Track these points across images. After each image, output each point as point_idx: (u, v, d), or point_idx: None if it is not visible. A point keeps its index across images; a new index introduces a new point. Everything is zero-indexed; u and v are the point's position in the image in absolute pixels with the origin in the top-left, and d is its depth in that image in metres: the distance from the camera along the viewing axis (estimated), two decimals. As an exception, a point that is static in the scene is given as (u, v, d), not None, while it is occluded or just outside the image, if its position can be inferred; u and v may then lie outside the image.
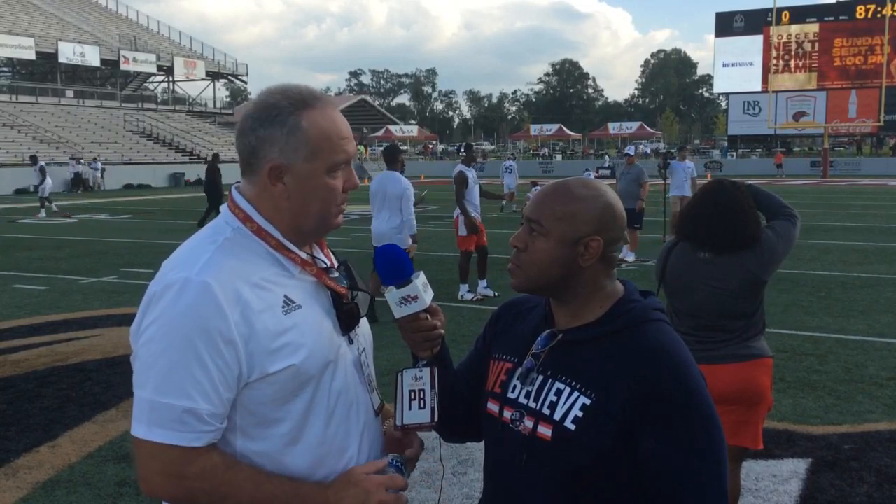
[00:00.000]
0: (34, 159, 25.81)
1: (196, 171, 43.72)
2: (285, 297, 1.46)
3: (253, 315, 1.40)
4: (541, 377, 1.51)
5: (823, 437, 4.81)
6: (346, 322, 1.56)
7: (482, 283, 9.46)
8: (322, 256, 1.61)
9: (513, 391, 1.55)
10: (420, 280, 1.55)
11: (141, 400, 1.40)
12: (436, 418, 1.55)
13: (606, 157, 54.41)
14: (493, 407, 1.59)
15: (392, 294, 1.54)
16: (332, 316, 1.54)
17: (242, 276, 1.42)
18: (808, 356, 6.62)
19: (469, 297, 9.18)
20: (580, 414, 1.43)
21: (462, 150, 10.41)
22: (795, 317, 8.10)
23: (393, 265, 1.56)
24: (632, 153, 13.80)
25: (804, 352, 6.75)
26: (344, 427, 1.51)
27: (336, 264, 1.63)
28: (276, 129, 1.46)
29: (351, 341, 1.58)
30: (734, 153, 56.46)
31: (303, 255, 1.53)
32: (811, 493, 4.06)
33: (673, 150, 17.85)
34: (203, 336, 1.37)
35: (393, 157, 8.54)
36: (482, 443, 1.67)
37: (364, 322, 1.64)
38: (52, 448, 4.79)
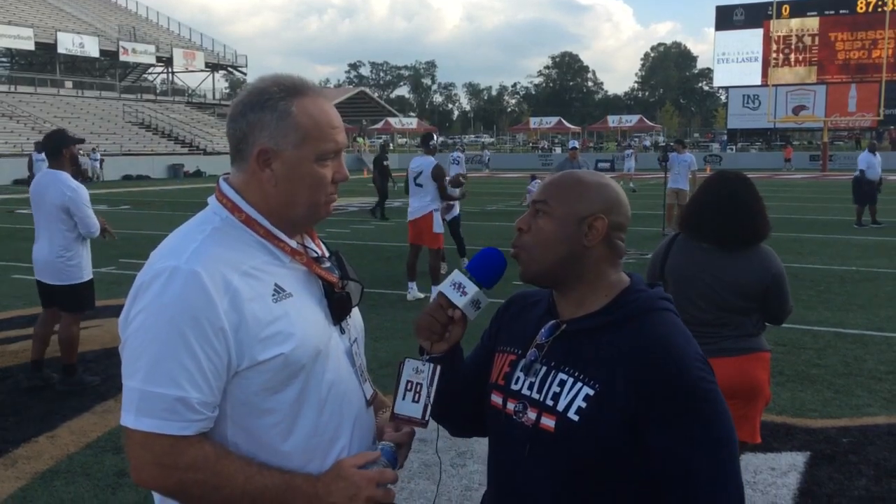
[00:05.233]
0: None
1: (195, 163, 43.68)
2: (276, 285, 1.45)
3: (242, 303, 1.39)
4: (544, 368, 1.50)
5: (822, 431, 4.82)
6: (338, 311, 1.55)
7: (412, 285, 9.06)
8: (313, 246, 1.60)
9: (516, 383, 1.54)
10: (481, 294, 1.56)
11: (130, 390, 1.39)
12: (427, 417, 1.53)
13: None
14: (496, 399, 1.57)
15: (465, 280, 1.55)
16: (324, 305, 1.53)
17: (231, 264, 1.42)
18: (806, 350, 6.63)
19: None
20: (584, 405, 1.42)
21: (423, 142, 9.62)
22: (795, 310, 8.08)
23: (491, 269, 1.57)
24: (576, 146, 13.48)
25: (803, 345, 6.76)
26: (336, 417, 1.50)
27: (327, 254, 1.63)
28: (265, 113, 1.46)
29: (343, 331, 1.57)
30: (733, 147, 56.39)
31: (293, 243, 1.52)
32: (809, 486, 4.06)
33: (672, 143, 17.79)
34: (192, 324, 1.36)
35: (56, 150, 5.68)
36: (483, 434, 1.66)
37: (356, 312, 1.64)
38: (51, 438, 4.79)
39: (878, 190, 16.24)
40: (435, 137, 9.96)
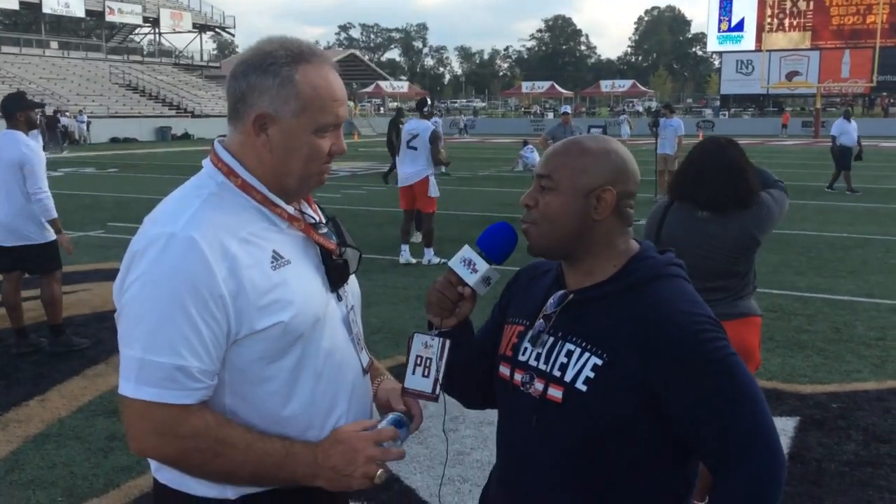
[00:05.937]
0: None
1: (183, 125, 43.28)
2: (274, 251, 1.42)
3: (241, 270, 1.37)
4: (551, 339, 1.48)
5: (811, 396, 4.85)
6: (335, 279, 1.53)
7: (405, 248, 9.18)
8: (310, 212, 1.57)
9: (523, 353, 1.52)
10: (492, 271, 1.52)
11: (129, 358, 1.37)
12: (437, 392, 1.52)
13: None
14: (504, 370, 1.56)
15: (475, 257, 1.52)
16: (321, 272, 1.51)
17: (229, 230, 1.38)
18: (797, 316, 6.66)
19: (436, 260, 8.97)
20: (592, 374, 1.40)
21: (418, 106, 10.08)
22: (785, 276, 8.13)
23: (501, 244, 1.53)
24: (568, 111, 13.73)
25: (793, 311, 6.79)
26: (333, 385, 1.49)
27: (324, 220, 1.60)
28: (268, 77, 1.42)
29: (340, 298, 1.55)
30: (726, 112, 56.23)
31: (290, 209, 1.49)
32: (799, 451, 4.09)
33: (661, 108, 17.74)
34: (191, 292, 1.33)
35: (9, 113, 5.68)
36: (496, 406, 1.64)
37: (353, 279, 1.62)
38: (42, 402, 4.78)
39: (860, 157, 16.42)
40: (429, 102, 10.11)
